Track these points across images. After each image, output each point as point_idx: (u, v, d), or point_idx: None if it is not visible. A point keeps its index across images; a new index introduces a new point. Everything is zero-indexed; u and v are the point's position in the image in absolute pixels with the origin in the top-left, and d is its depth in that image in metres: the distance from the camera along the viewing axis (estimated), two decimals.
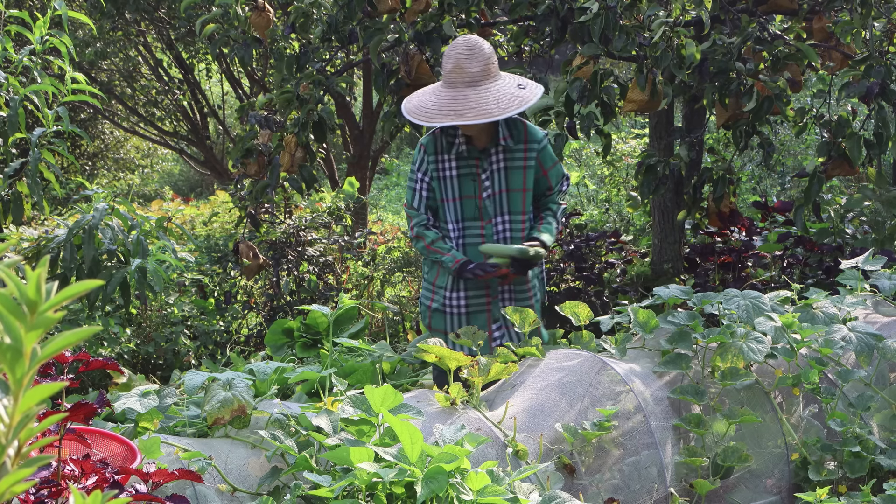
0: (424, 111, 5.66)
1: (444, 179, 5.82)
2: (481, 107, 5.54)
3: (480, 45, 5.65)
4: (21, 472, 1.54)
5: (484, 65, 5.61)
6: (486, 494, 3.78)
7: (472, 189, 5.80)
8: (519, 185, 5.80)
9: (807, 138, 14.36)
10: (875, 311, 5.74)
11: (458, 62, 5.60)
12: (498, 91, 5.61)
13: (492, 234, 5.79)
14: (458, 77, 5.59)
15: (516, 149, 5.79)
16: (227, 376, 4.34)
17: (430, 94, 5.74)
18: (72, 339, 1.53)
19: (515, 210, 5.81)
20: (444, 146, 5.82)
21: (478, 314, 5.84)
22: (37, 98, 6.58)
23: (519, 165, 5.80)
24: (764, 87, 6.79)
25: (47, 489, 3.02)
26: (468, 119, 5.51)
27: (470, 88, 5.58)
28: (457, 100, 5.57)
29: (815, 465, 4.87)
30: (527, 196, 5.83)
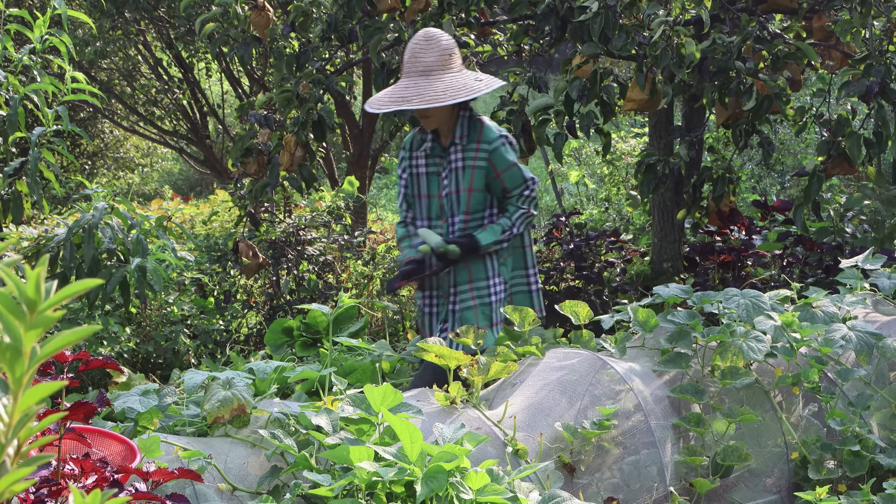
0: (378, 100, 5.67)
1: (415, 176, 5.85)
2: (429, 94, 5.52)
3: (438, 38, 5.65)
4: (21, 471, 1.54)
5: (439, 55, 5.59)
6: (486, 493, 3.78)
7: (435, 187, 5.81)
8: (467, 185, 5.76)
9: (806, 137, 14.36)
10: (875, 309, 5.74)
11: (414, 52, 5.61)
12: (450, 81, 5.59)
13: (448, 233, 5.78)
14: (413, 67, 5.59)
15: (470, 148, 5.75)
16: (226, 375, 4.34)
17: (390, 87, 5.76)
18: (71, 338, 1.53)
19: (462, 210, 5.77)
20: (417, 143, 5.86)
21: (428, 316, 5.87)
22: (36, 97, 6.58)
23: (469, 165, 5.75)
24: (764, 86, 6.79)
25: (47, 488, 3.02)
26: (413, 104, 5.51)
27: (422, 77, 5.57)
28: (407, 88, 5.58)
29: (815, 464, 4.87)
30: (472, 196, 5.75)
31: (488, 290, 5.81)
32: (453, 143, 5.75)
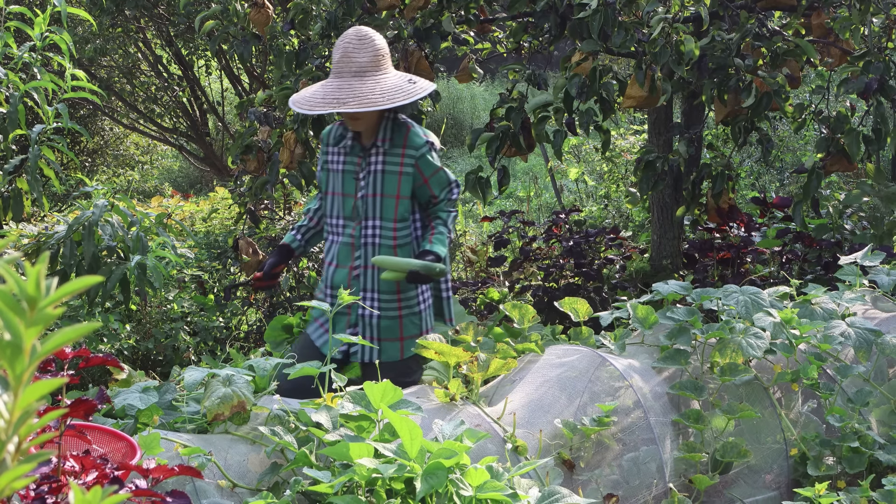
0: (308, 100, 5.47)
1: (329, 172, 5.68)
2: (365, 96, 5.35)
3: (371, 37, 5.49)
4: (21, 468, 1.55)
5: (373, 56, 5.43)
6: (486, 490, 3.79)
7: (351, 187, 5.61)
8: (393, 191, 5.56)
9: (805, 134, 14.36)
10: (874, 306, 5.75)
11: (346, 51, 5.43)
12: (385, 83, 5.44)
13: (360, 236, 5.57)
14: (346, 66, 5.42)
15: (395, 153, 5.57)
16: (226, 372, 4.35)
17: (318, 86, 5.56)
18: (71, 335, 1.54)
19: (387, 216, 5.56)
20: (336, 138, 5.70)
21: (340, 316, 5.62)
22: (36, 94, 6.58)
23: (395, 171, 5.57)
24: (763, 83, 6.79)
25: (47, 485, 3.03)
26: (351, 107, 5.31)
27: (356, 78, 5.40)
28: (342, 89, 5.38)
29: (814, 461, 4.88)
30: (400, 203, 5.56)
31: (418, 300, 5.64)
32: (375, 146, 5.57)
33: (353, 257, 5.58)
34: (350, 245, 5.60)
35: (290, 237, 5.87)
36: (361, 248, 5.57)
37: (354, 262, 5.58)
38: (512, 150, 7.21)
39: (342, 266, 5.62)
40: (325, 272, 5.71)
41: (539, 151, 15.14)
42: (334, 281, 5.64)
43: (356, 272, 5.58)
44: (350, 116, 5.50)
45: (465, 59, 8.03)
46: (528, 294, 8.60)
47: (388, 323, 5.57)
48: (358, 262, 5.57)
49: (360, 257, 5.57)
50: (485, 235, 12.20)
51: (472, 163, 19.72)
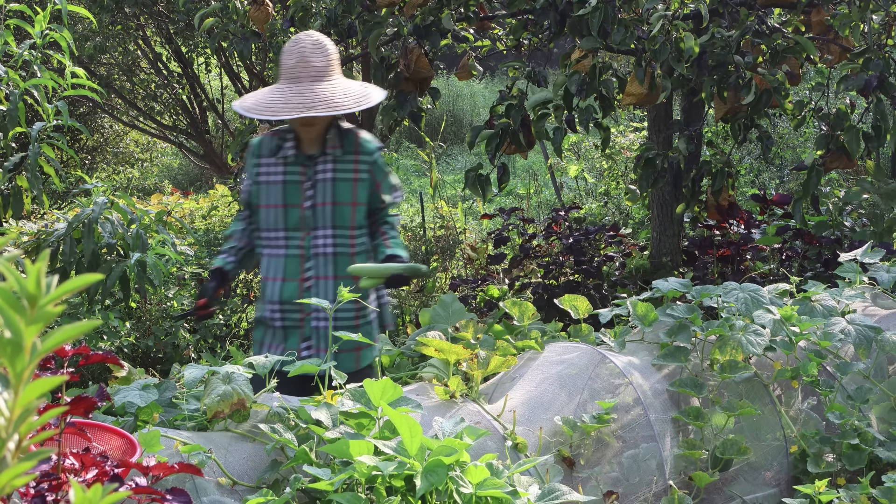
0: (269, 106, 5.28)
1: (266, 184, 5.44)
2: (331, 99, 5.22)
3: (324, 41, 5.34)
4: (21, 466, 1.55)
5: (328, 60, 5.31)
6: (486, 487, 3.79)
7: (296, 197, 5.41)
8: (348, 198, 5.41)
9: (805, 131, 14.36)
10: (874, 303, 5.75)
11: (303, 55, 5.28)
12: (345, 86, 5.33)
13: (310, 246, 5.39)
14: (304, 71, 5.27)
15: (346, 160, 5.43)
16: (226, 370, 4.35)
17: (270, 92, 5.38)
18: (72, 332, 1.54)
19: (343, 224, 5.42)
20: (271, 149, 5.47)
21: (293, 329, 5.44)
22: (36, 92, 6.58)
23: (349, 178, 5.42)
24: (762, 80, 6.79)
25: (47, 482, 3.03)
26: (319, 110, 5.17)
27: (316, 82, 5.26)
28: (304, 93, 5.23)
29: (814, 458, 4.88)
30: (357, 210, 5.43)
31: (370, 308, 5.53)
32: (324, 153, 5.41)
33: (304, 269, 5.41)
34: (299, 257, 5.42)
35: (222, 260, 5.59)
36: (313, 259, 5.40)
37: (305, 273, 5.41)
38: (512, 147, 7.21)
39: (290, 279, 5.43)
40: (269, 288, 5.48)
41: (539, 149, 15.15)
42: (284, 295, 5.43)
43: (308, 283, 5.40)
44: (304, 122, 5.34)
45: (464, 56, 8.03)
46: (527, 291, 8.60)
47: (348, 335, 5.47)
48: (310, 274, 5.40)
49: (313, 268, 5.40)
50: (485, 233, 12.20)
51: (471, 160, 19.73)
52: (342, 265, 5.39)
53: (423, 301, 9.59)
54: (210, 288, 5.53)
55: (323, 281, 5.40)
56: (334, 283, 5.38)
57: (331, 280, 5.40)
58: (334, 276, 5.39)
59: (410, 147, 21.59)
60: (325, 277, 5.40)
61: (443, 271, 10.43)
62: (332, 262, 5.40)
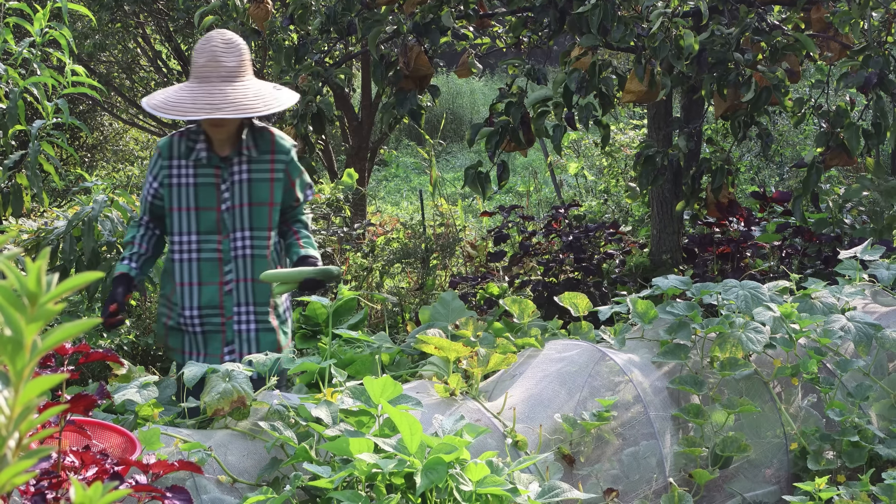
0: (176, 105, 5.15)
1: (178, 187, 5.31)
2: (240, 101, 5.10)
3: (236, 40, 5.24)
4: (22, 464, 1.55)
5: (240, 60, 5.19)
6: (486, 485, 3.79)
7: (211, 200, 5.30)
8: (265, 198, 5.34)
9: (805, 129, 14.37)
10: (874, 300, 5.75)
11: (214, 55, 5.15)
12: (256, 88, 5.20)
13: (229, 249, 5.30)
14: (213, 71, 5.14)
15: (262, 160, 5.34)
16: (226, 367, 4.35)
17: (179, 90, 5.25)
18: (72, 331, 1.54)
19: (260, 225, 5.34)
20: (182, 151, 5.33)
21: (213, 334, 5.36)
22: (36, 90, 6.58)
23: (265, 178, 5.34)
24: (762, 77, 6.79)
25: (47, 480, 3.03)
26: (227, 112, 5.06)
27: (226, 83, 5.14)
28: (213, 94, 5.11)
29: (814, 455, 4.88)
30: (274, 210, 5.37)
31: (285, 307, 5.51)
32: (239, 154, 5.30)
33: (223, 272, 5.33)
34: (216, 260, 5.34)
35: (126, 266, 5.42)
36: (233, 262, 5.33)
37: (225, 276, 5.33)
38: (511, 145, 7.21)
39: (208, 283, 5.34)
40: (184, 293, 5.36)
41: (538, 146, 15.15)
42: (203, 300, 5.33)
43: (228, 287, 5.34)
44: (213, 123, 5.23)
45: (464, 54, 8.03)
46: (527, 289, 8.60)
47: (266, 336, 5.39)
48: (230, 277, 5.33)
49: (232, 271, 5.32)
50: (484, 230, 12.20)
51: (471, 158, 19.72)
52: (260, 267, 5.33)
53: (423, 299, 9.59)
54: (119, 294, 5.35)
55: (243, 283, 5.34)
56: (254, 285, 5.34)
57: (250, 282, 5.33)
58: (254, 279, 5.33)
59: (410, 145, 21.59)
60: (245, 280, 5.34)
61: (443, 269, 10.43)
62: (251, 265, 5.33)
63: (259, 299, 5.36)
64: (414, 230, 10.96)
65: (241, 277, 5.33)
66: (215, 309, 5.32)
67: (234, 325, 5.34)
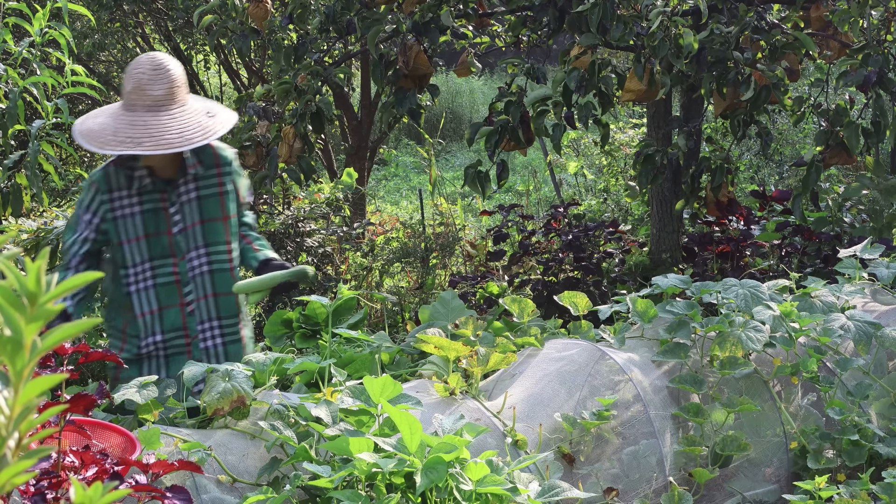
0: (98, 136, 4.91)
1: (123, 219, 5.08)
2: (161, 135, 4.86)
3: (166, 65, 4.98)
4: (21, 464, 1.55)
5: (168, 88, 4.94)
6: (486, 484, 3.79)
7: (160, 225, 5.11)
8: (218, 213, 5.19)
9: (805, 127, 14.36)
10: (873, 299, 5.75)
11: (140, 83, 4.91)
12: (183, 119, 4.95)
13: (185, 270, 5.15)
14: (139, 99, 4.91)
15: (209, 175, 5.19)
16: (226, 367, 4.35)
17: (106, 117, 5.01)
18: (71, 330, 1.54)
19: (216, 241, 5.20)
20: (121, 182, 5.09)
21: (177, 356, 5.17)
22: (36, 90, 6.58)
23: (214, 193, 5.19)
24: (762, 76, 6.79)
25: (47, 480, 3.03)
26: (146, 149, 4.83)
27: (150, 114, 4.90)
28: (135, 126, 4.88)
29: (814, 454, 4.88)
30: (229, 223, 5.24)
31: (247, 317, 5.42)
32: (185, 174, 5.13)
33: (183, 294, 5.18)
34: (174, 283, 5.17)
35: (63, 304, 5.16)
36: (192, 282, 5.18)
37: (186, 298, 5.19)
38: (511, 144, 7.20)
39: (169, 307, 5.17)
40: (146, 322, 5.16)
41: (538, 145, 15.14)
42: (165, 325, 5.16)
43: (190, 308, 5.19)
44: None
45: (463, 53, 8.02)
46: (527, 288, 8.60)
47: (234, 348, 5.28)
48: (191, 297, 5.19)
49: (192, 291, 5.18)
50: (484, 230, 12.20)
51: (470, 157, 19.72)
52: (220, 282, 5.22)
53: (423, 298, 9.59)
54: None
55: (204, 301, 5.21)
56: (217, 300, 5.22)
57: (211, 298, 5.22)
58: (214, 294, 5.21)
59: (410, 144, 21.58)
60: (206, 297, 5.21)
61: (442, 268, 10.43)
62: (210, 281, 5.20)
63: (224, 313, 5.24)
64: (413, 229, 10.96)
65: (202, 295, 5.20)
66: (179, 331, 5.18)
67: (199, 344, 5.20)
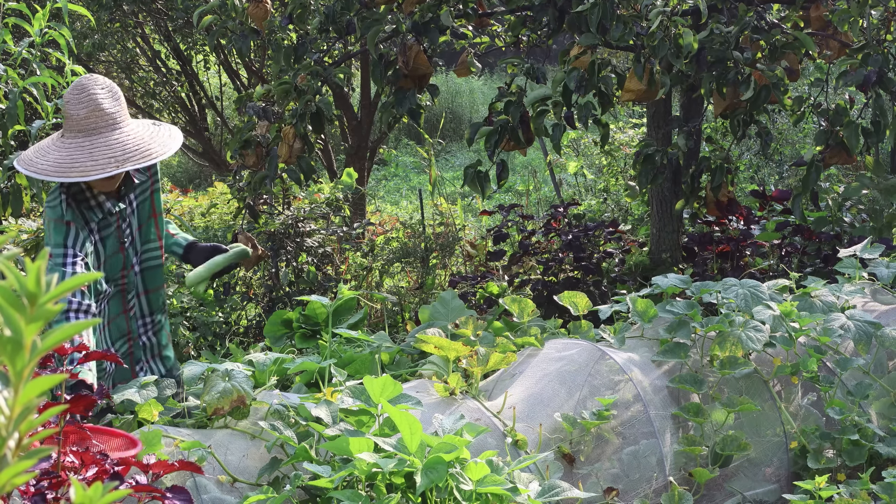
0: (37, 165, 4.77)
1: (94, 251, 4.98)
2: (100, 160, 4.73)
3: (90, 90, 4.83)
4: (22, 464, 1.55)
5: (97, 111, 4.80)
6: (486, 484, 3.79)
7: (115, 245, 5.06)
8: (149, 212, 5.20)
9: (804, 127, 14.36)
10: (873, 299, 5.75)
11: (70, 108, 4.81)
12: (122, 141, 4.79)
13: (132, 278, 5.15)
14: (74, 124, 4.78)
15: (143, 178, 5.19)
16: (226, 367, 4.35)
17: (51, 145, 4.85)
18: (71, 331, 1.54)
19: (149, 239, 5.21)
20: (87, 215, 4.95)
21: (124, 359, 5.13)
22: (36, 90, 6.58)
23: (147, 195, 5.20)
24: (761, 76, 6.79)
25: (47, 480, 3.03)
26: (89, 173, 4.69)
27: (86, 138, 4.76)
28: (71, 152, 4.74)
29: (814, 454, 4.88)
30: (159, 220, 5.25)
31: (164, 313, 5.42)
32: (130, 189, 5.11)
33: (127, 300, 5.18)
34: (120, 292, 5.15)
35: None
36: (132, 284, 5.18)
37: (129, 304, 5.19)
38: (511, 144, 7.20)
39: (116, 316, 5.15)
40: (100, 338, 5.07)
41: (538, 145, 15.15)
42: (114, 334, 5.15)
43: (132, 311, 5.20)
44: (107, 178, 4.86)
45: (463, 53, 8.02)
46: (527, 288, 8.60)
47: (162, 335, 5.35)
48: (133, 303, 5.20)
49: (132, 291, 5.20)
50: (484, 230, 12.20)
51: (470, 157, 19.73)
52: (150, 278, 5.26)
53: (423, 298, 9.59)
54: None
55: (136, 299, 5.23)
56: (147, 297, 5.26)
57: (143, 296, 5.24)
58: (146, 291, 5.26)
59: (409, 144, 21.58)
60: (139, 294, 5.24)
61: (442, 268, 10.42)
62: (142, 279, 5.23)
63: (155, 306, 5.29)
64: (413, 229, 10.96)
65: (136, 293, 5.23)
66: (124, 336, 5.18)
67: (140, 341, 5.24)
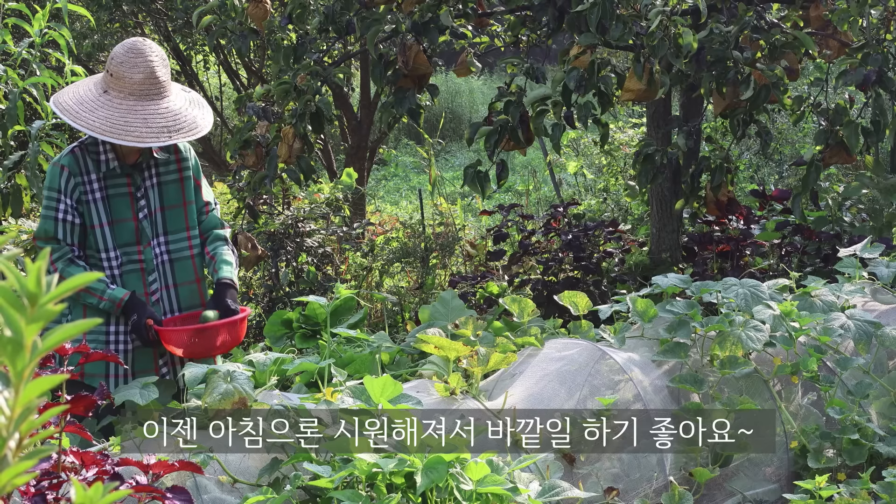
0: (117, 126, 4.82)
1: (93, 203, 4.99)
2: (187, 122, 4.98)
3: (147, 53, 4.94)
4: (22, 465, 1.55)
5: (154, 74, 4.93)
6: (486, 484, 3.79)
7: (126, 211, 5.05)
8: (178, 199, 5.18)
9: (804, 126, 14.36)
10: (873, 298, 5.75)
11: (152, 70, 4.91)
12: (171, 110, 4.95)
13: (151, 257, 5.09)
14: (153, 87, 4.91)
15: (169, 161, 5.18)
16: (227, 368, 4.35)
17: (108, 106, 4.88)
18: (72, 331, 1.54)
19: (176, 228, 5.18)
20: (90, 165, 5.01)
21: (143, 350, 5.07)
22: (35, 91, 6.58)
23: (175, 179, 5.19)
24: (761, 75, 6.78)
25: (48, 481, 3.03)
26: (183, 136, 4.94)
27: (165, 99, 4.94)
28: (164, 115, 4.90)
29: (814, 453, 4.88)
30: (189, 209, 5.22)
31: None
32: (148, 159, 5.11)
33: (147, 282, 5.11)
34: (139, 271, 5.10)
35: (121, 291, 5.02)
36: (155, 271, 5.14)
37: (150, 287, 5.12)
38: (510, 143, 7.20)
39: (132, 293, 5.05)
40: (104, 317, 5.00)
41: (538, 145, 15.14)
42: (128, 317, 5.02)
43: (154, 297, 5.13)
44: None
45: (463, 53, 8.02)
46: (527, 288, 8.60)
47: None
48: (154, 287, 5.13)
49: (157, 279, 5.14)
50: (484, 229, 12.20)
51: (470, 157, 19.72)
52: (181, 271, 5.20)
53: (423, 298, 9.59)
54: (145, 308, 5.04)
55: (166, 290, 5.17)
56: (178, 290, 5.20)
57: (173, 288, 5.19)
58: (175, 284, 5.19)
59: (409, 144, 21.59)
60: (168, 286, 5.18)
61: (442, 268, 10.43)
62: (171, 271, 5.18)
63: (184, 304, 5.21)
64: (413, 229, 10.96)
65: (164, 285, 5.16)
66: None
67: None
